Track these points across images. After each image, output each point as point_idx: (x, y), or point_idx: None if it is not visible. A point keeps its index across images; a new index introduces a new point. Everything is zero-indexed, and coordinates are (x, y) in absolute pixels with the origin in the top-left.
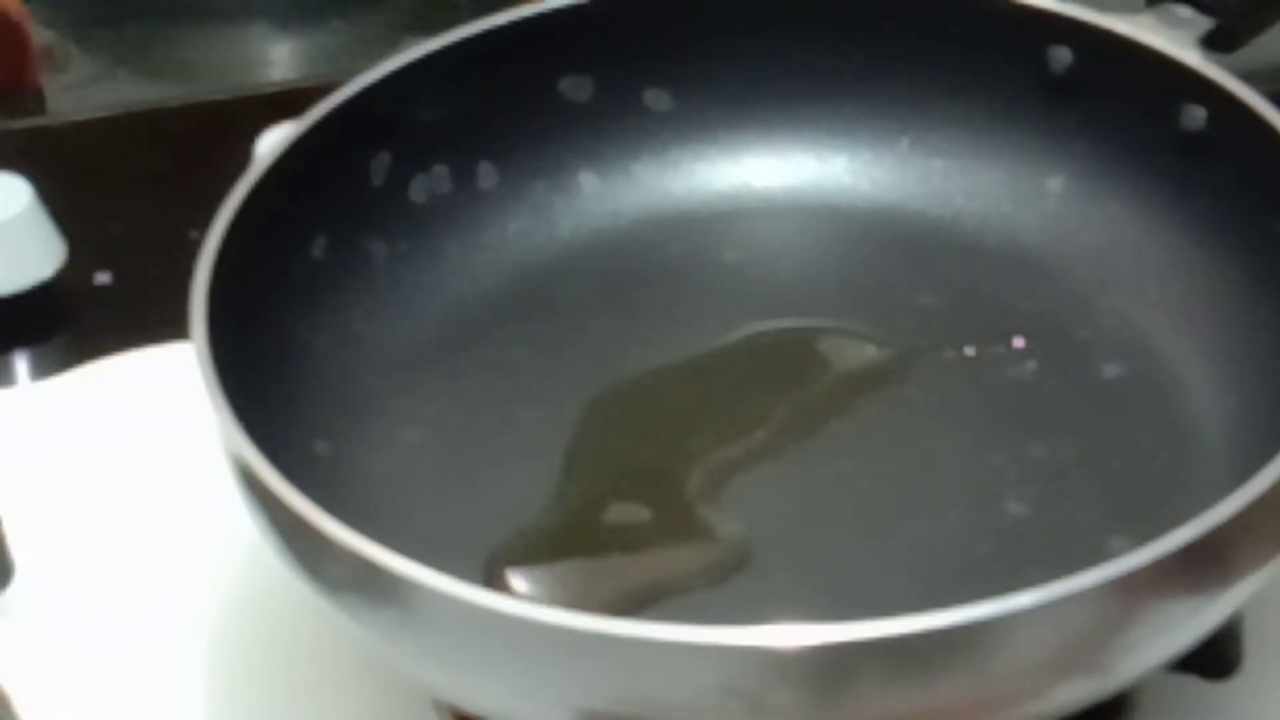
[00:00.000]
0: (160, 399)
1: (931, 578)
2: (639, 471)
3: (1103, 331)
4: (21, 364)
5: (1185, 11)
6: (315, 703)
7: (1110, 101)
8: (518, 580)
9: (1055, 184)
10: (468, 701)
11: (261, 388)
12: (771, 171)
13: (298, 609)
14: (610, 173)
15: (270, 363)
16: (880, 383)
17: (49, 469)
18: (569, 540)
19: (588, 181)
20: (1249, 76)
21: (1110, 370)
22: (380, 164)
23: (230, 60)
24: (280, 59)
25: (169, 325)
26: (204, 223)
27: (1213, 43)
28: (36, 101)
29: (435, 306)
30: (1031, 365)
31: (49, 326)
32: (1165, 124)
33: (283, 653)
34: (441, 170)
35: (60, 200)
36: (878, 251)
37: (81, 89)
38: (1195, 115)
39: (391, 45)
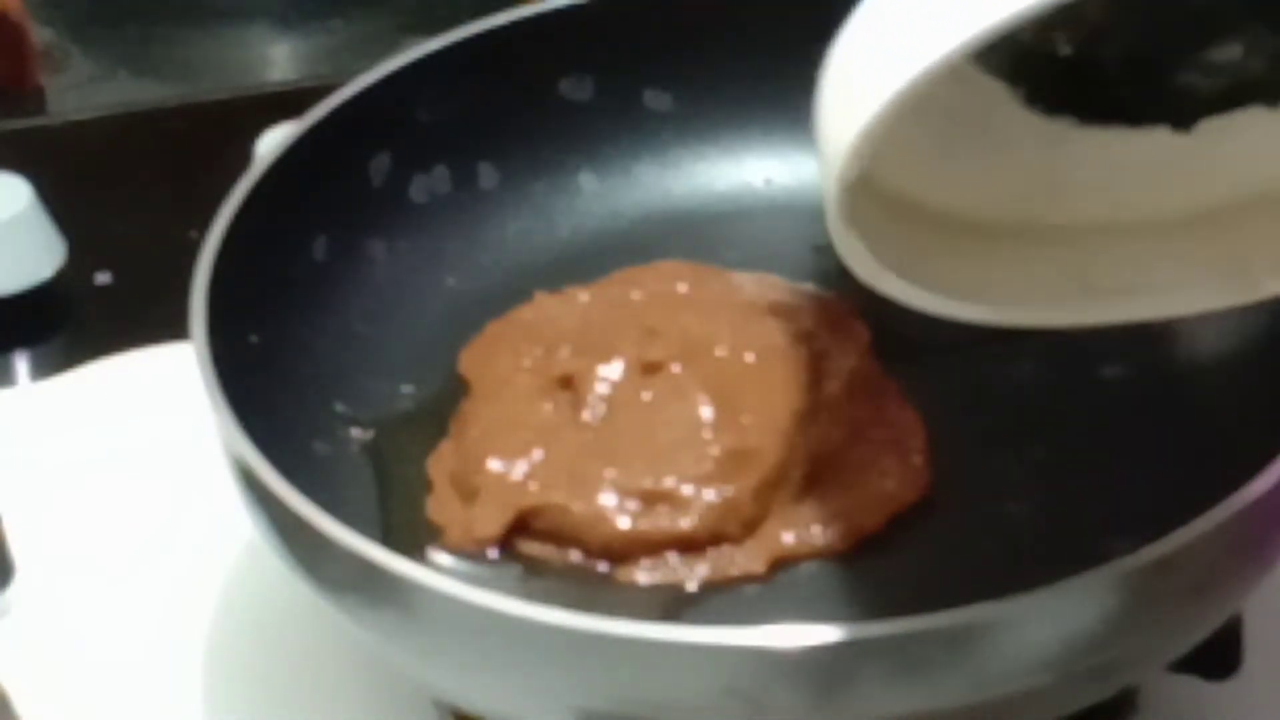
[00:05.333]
0: (160, 399)
1: (932, 578)
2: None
3: (1103, 332)
4: (21, 364)
5: None
6: (315, 703)
7: None
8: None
9: None
10: (468, 701)
11: (261, 388)
12: (771, 171)
13: (298, 609)
14: (610, 173)
15: (270, 363)
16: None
17: (49, 469)
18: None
19: (588, 181)
20: None
21: (1110, 370)
22: (380, 164)
23: (230, 60)
24: (280, 59)
25: (169, 325)
26: (204, 223)
27: None
28: (36, 101)
29: (435, 307)
30: (1031, 365)
31: (49, 326)
32: None
33: (283, 653)
34: (441, 170)
35: (60, 200)
36: None
37: (81, 89)
38: None
39: (391, 45)
